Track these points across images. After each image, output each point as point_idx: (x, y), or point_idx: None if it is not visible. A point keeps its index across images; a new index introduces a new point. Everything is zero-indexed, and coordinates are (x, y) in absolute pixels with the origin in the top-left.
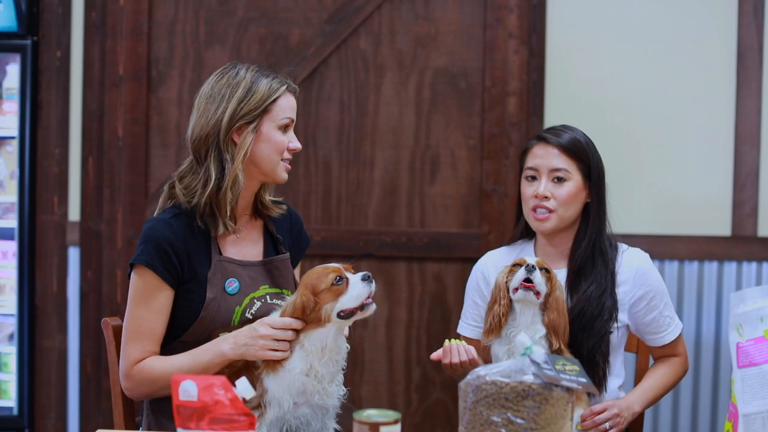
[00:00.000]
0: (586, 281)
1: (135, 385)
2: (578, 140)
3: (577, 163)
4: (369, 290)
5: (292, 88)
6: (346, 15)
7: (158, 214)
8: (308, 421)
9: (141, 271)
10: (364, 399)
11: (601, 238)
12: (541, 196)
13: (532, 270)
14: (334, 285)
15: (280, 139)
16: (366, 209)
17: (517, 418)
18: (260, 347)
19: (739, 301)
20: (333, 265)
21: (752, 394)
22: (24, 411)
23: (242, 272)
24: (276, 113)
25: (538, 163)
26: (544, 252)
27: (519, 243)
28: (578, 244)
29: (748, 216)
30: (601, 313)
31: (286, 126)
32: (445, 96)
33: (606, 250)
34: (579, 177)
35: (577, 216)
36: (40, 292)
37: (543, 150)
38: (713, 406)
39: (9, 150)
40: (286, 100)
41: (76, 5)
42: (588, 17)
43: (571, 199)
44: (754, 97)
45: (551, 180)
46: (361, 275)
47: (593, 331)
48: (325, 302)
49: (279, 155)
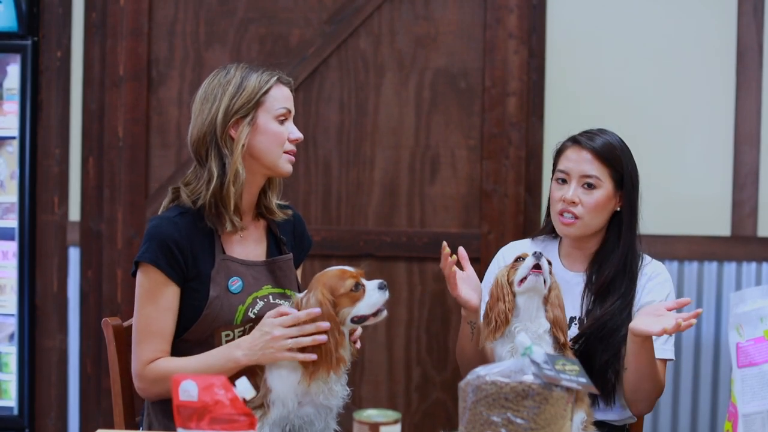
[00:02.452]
0: (614, 295)
1: (148, 386)
2: (613, 146)
3: (609, 170)
4: (384, 299)
5: (285, 80)
6: (346, 15)
7: (163, 212)
8: (311, 421)
9: (146, 269)
10: (364, 399)
11: (633, 251)
12: (569, 201)
13: (540, 257)
14: (352, 291)
15: (278, 129)
16: (366, 209)
17: (517, 418)
18: (278, 348)
19: (738, 301)
20: (350, 270)
21: (752, 394)
22: (24, 411)
23: (245, 271)
24: (270, 104)
25: (570, 167)
26: (568, 253)
27: (542, 239)
28: (608, 255)
29: (748, 216)
30: (619, 327)
31: (283, 117)
32: (445, 96)
33: (634, 262)
34: (610, 185)
35: (604, 223)
36: (41, 292)
37: (575, 154)
38: (713, 406)
39: (9, 150)
40: (279, 91)
41: (77, 5)
42: (588, 17)
43: (599, 207)
44: (754, 97)
45: (581, 186)
46: (377, 283)
47: (609, 344)
48: (343, 306)
49: (279, 146)
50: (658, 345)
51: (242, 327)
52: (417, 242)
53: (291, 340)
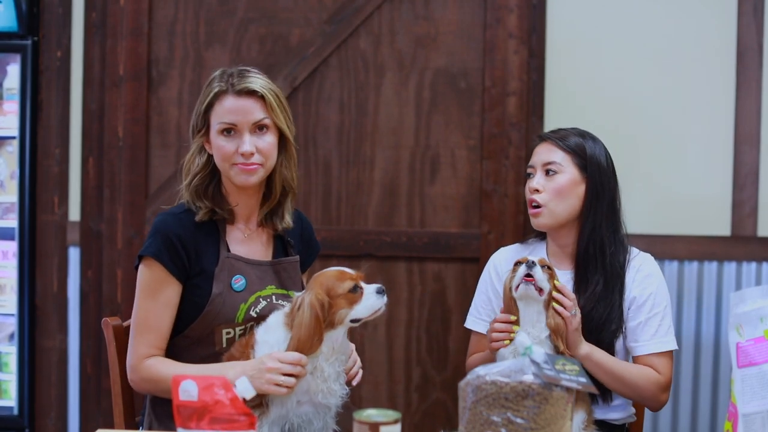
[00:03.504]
0: (592, 279)
1: (139, 381)
2: (574, 135)
3: (572, 157)
4: (381, 303)
5: (240, 88)
6: (346, 15)
7: (170, 208)
8: (310, 420)
9: (149, 263)
10: (364, 399)
11: (600, 233)
12: (533, 190)
13: (532, 266)
14: (350, 293)
15: (220, 144)
16: (366, 209)
17: (517, 418)
18: (266, 381)
19: (738, 301)
20: (349, 272)
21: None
22: (24, 411)
23: (249, 270)
24: (214, 119)
25: (535, 160)
26: (554, 252)
27: (531, 242)
28: (580, 242)
29: (748, 216)
30: (607, 322)
31: (226, 130)
32: (445, 96)
33: (606, 246)
34: (574, 170)
35: (574, 212)
36: (41, 292)
37: (541, 147)
38: (713, 406)
39: (9, 150)
40: (225, 103)
41: (77, 5)
42: (588, 17)
43: (562, 192)
44: (754, 97)
45: (544, 173)
46: (376, 288)
47: (600, 339)
48: (340, 307)
49: (225, 161)
50: (656, 339)
51: (243, 325)
52: (417, 242)
53: (283, 377)
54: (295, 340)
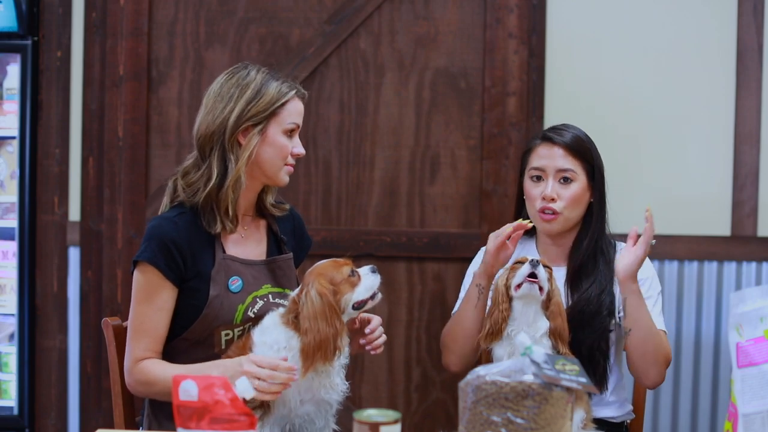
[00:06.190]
0: (587, 280)
1: (135, 384)
2: (582, 140)
3: (582, 163)
4: (378, 281)
5: (301, 94)
6: (346, 15)
7: (163, 212)
8: (311, 419)
9: (144, 268)
10: (364, 399)
11: (603, 238)
12: (549, 198)
13: (536, 265)
14: (349, 277)
15: (285, 143)
16: (366, 209)
17: (517, 418)
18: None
19: (738, 301)
20: (342, 259)
21: (752, 394)
22: (24, 411)
23: (245, 271)
24: (283, 117)
25: (544, 164)
26: (546, 250)
27: (520, 240)
28: (580, 243)
29: (748, 216)
30: (599, 310)
31: (291, 131)
32: (445, 96)
33: (606, 249)
34: (584, 177)
35: (581, 216)
36: (41, 292)
37: (547, 150)
38: (713, 406)
39: (9, 150)
40: (294, 105)
41: (77, 5)
42: (588, 17)
43: (577, 200)
44: (753, 97)
45: (558, 181)
46: (369, 268)
47: (593, 328)
48: (344, 293)
49: (282, 160)
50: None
51: (242, 326)
52: (417, 242)
53: (257, 381)
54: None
